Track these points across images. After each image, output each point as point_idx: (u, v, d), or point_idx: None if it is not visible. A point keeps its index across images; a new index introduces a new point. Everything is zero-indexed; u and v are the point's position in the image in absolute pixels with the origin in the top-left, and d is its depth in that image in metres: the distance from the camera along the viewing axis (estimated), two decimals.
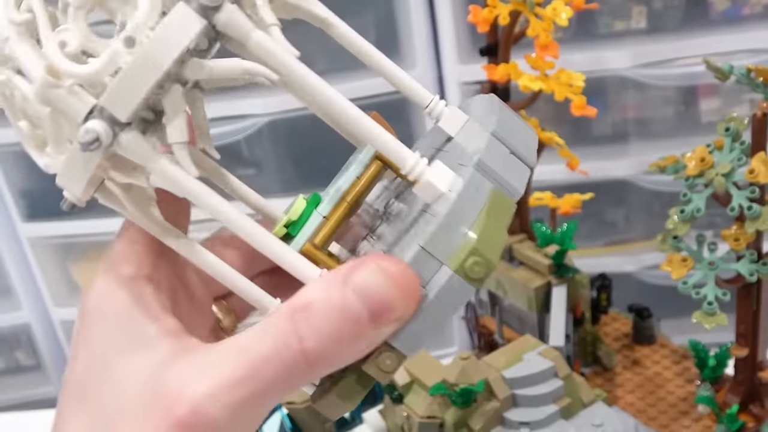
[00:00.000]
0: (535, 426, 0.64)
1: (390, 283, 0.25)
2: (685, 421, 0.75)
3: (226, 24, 0.26)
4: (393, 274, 0.25)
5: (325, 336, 0.24)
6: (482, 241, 0.26)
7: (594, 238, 1.22)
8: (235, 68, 0.26)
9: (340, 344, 0.25)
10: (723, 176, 0.61)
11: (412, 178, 0.27)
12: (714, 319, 0.62)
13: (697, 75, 1.09)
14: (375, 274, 0.25)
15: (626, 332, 0.88)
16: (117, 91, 0.25)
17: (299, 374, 0.25)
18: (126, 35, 0.25)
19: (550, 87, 0.69)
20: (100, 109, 0.25)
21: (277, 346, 0.25)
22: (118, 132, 0.25)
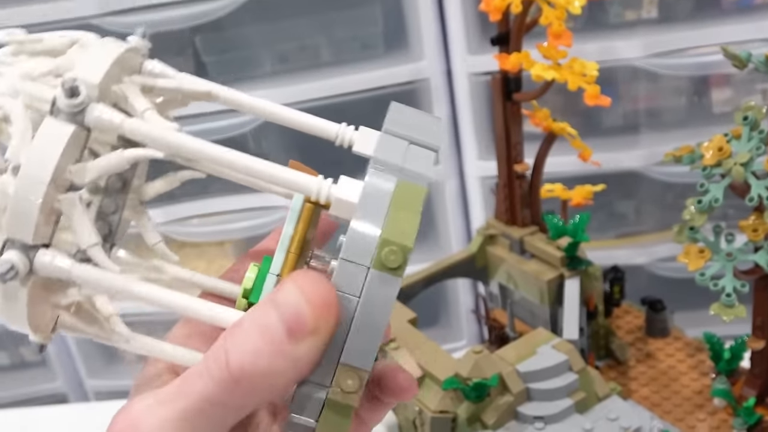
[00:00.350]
0: (549, 420, 0.63)
1: (303, 298, 0.25)
2: (700, 414, 0.74)
3: (96, 123, 0.27)
4: (306, 289, 0.25)
5: (246, 350, 0.25)
6: (391, 230, 0.26)
7: (605, 230, 1.21)
8: (120, 160, 0.27)
9: (259, 358, 0.25)
10: (741, 166, 0.60)
11: (324, 201, 0.28)
12: (732, 311, 0.61)
13: (709, 65, 1.08)
14: (290, 290, 0.26)
15: (639, 325, 0.87)
16: (13, 218, 0.26)
17: (226, 389, 0.25)
18: (14, 165, 0.26)
19: (563, 76, 0.68)
20: (10, 241, 0.26)
21: (207, 362, 0.26)
22: (33, 255, 0.26)
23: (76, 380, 1.49)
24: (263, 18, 1.23)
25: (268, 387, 0.26)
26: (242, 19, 1.20)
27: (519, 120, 0.80)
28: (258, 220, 1.29)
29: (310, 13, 1.23)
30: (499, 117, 0.80)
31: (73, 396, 1.49)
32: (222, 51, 1.24)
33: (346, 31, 1.22)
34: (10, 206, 0.25)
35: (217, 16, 1.18)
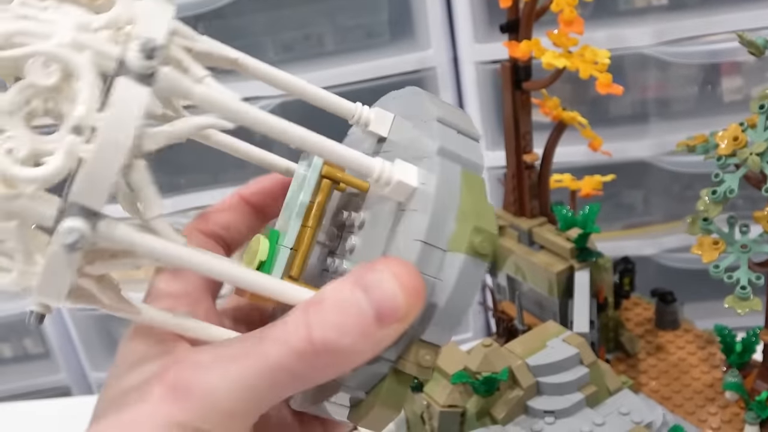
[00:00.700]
0: (560, 414, 0.62)
1: (399, 287, 0.26)
2: (711, 408, 0.73)
3: (167, 86, 0.25)
4: (403, 279, 0.26)
5: (332, 326, 0.25)
6: (478, 218, 0.27)
7: (612, 220, 1.20)
8: (192, 127, 0.26)
9: (344, 337, 0.25)
10: (757, 156, 0.59)
11: (383, 182, 0.28)
12: (747, 303, 0.60)
13: (720, 52, 1.06)
14: (386, 277, 0.26)
15: (649, 317, 0.86)
16: (86, 182, 0.24)
17: (304, 360, 0.26)
18: (74, 124, 0.24)
19: (574, 64, 0.67)
20: (71, 206, 0.24)
21: (288, 331, 0.26)
22: (96, 223, 0.24)
23: (79, 372, 1.49)
24: (267, 6, 1.21)
25: (343, 364, 0.26)
26: (246, 7, 1.19)
27: (528, 109, 0.79)
28: None
29: (315, 1, 1.21)
30: (508, 106, 0.78)
31: (77, 388, 1.49)
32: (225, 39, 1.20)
33: (351, 19, 1.21)
34: (85, 171, 0.24)
35: (221, 4, 1.17)
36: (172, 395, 0.25)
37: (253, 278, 0.28)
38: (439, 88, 1.17)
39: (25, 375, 1.49)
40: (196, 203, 1.30)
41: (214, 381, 0.25)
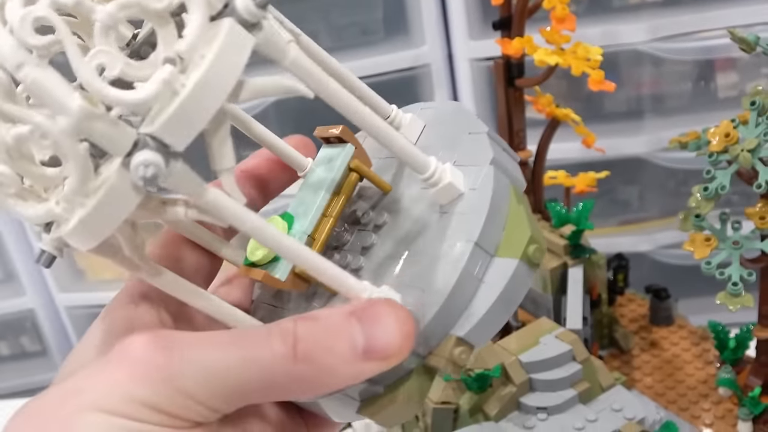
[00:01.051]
0: (552, 411, 0.62)
1: (396, 332, 0.26)
2: (705, 404, 0.73)
3: (266, 41, 0.24)
4: (403, 326, 0.26)
5: (317, 342, 0.26)
6: (531, 229, 0.29)
7: (607, 217, 1.20)
8: (278, 88, 0.25)
9: (326, 356, 0.25)
10: (749, 152, 0.59)
11: (433, 181, 0.29)
12: (739, 300, 0.60)
13: (714, 48, 1.06)
14: (387, 319, 0.26)
15: (643, 313, 0.86)
16: (176, 118, 0.22)
17: (282, 365, 0.25)
18: (174, 56, 0.23)
19: (567, 61, 0.67)
20: (151, 139, 0.22)
21: (274, 333, 0.26)
22: (171, 163, 0.23)
23: None
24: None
25: (318, 383, 0.26)
26: None
27: (521, 106, 0.79)
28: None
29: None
30: (502, 103, 0.78)
31: None
32: None
33: (346, 17, 1.21)
34: (178, 105, 0.22)
35: None
36: (135, 367, 0.25)
37: (301, 252, 0.26)
38: (433, 85, 1.17)
39: (23, 373, 1.49)
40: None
41: (183, 362, 0.25)
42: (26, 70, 0.22)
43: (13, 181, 0.25)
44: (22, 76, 0.22)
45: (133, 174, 0.22)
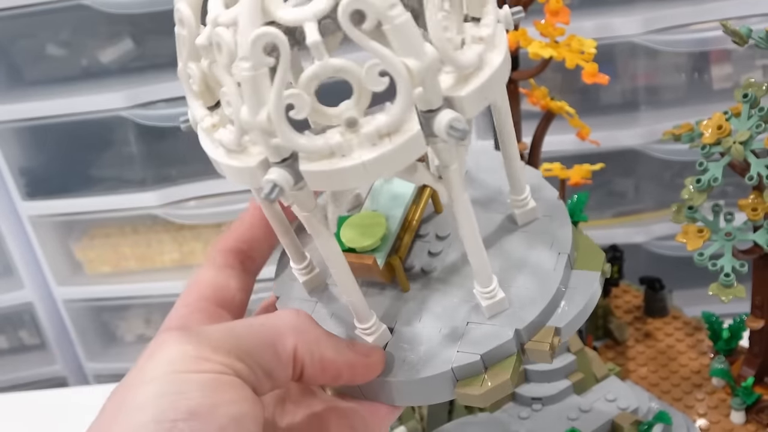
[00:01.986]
0: (547, 401, 0.63)
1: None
2: (698, 394, 0.73)
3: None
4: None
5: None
6: (600, 251, 0.37)
7: (602, 208, 1.21)
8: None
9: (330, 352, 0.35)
10: (741, 144, 0.59)
11: (524, 203, 0.38)
12: (731, 291, 0.60)
13: (709, 41, 1.06)
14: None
15: (637, 305, 0.86)
16: (481, 89, 0.28)
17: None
18: (485, 36, 0.28)
19: (560, 54, 0.67)
20: (448, 101, 0.28)
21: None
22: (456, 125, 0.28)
23: (75, 363, 1.49)
24: None
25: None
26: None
27: (516, 99, 0.79)
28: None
29: None
30: None
31: (73, 379, 1.50)
32: None
33: None
34: (486, 78, 0.30)
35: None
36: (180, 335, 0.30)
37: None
38: None
39: (21, 366, 1.49)
40: (187, 194, 1.30)
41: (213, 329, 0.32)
42: (397, 11, 0.26)
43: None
44: (392, 15, 0.26)
45: (439, 128, 0.27)
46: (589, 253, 0.37)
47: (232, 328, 0.32)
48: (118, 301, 1.40)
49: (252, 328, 0.32)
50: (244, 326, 0.33)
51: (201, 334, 0.31)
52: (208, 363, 0.30)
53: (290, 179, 0.28)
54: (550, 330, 0.34)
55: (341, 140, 0.27)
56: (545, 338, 0.33)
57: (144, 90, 1.23)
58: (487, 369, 0.33)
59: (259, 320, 0.33)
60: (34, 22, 1.25)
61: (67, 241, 1.43)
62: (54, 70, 1.32)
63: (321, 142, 0.28)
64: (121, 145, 1.32)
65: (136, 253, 1.40)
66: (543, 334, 0.34)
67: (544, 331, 0.34)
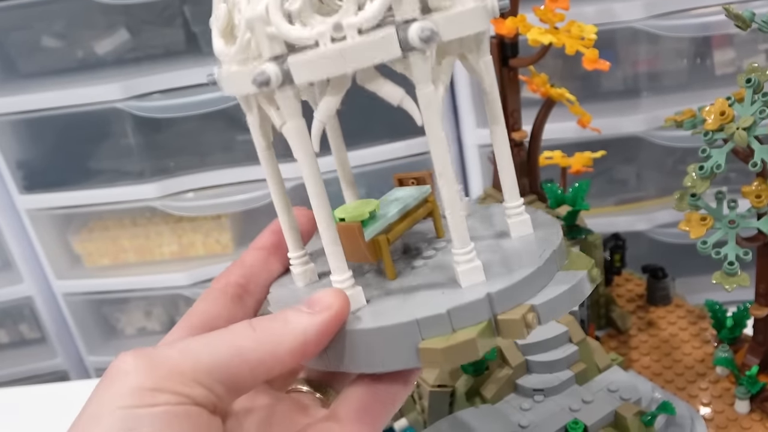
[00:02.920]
0: (549, 392, 0.62)
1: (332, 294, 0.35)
2: (702, 383, 0.73)
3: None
4: (338, 293, 0.35)
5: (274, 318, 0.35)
6: (594, 262, 0.38)
7: (604, 196, 1.20)
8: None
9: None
10: (744, 130, 0.58)
11: (518, 212, 0.39)
12: (735, 279, 0.59)
13: (711, 25, 1.05)
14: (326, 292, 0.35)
15: (640, 293, 0.86)
16: (460, 17, 0.33)
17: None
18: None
19: (560, 40, 0.66)
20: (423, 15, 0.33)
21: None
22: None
23: (76, 357, 1.49)
24: None
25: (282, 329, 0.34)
26: None
27: (516, 86, 0.78)
28: (254, 193, 1.27)
29: None
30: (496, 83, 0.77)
31: (74, 373, 1.50)
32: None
33: None
34: (462, 11, 0.33)
35: None
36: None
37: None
38: None
39: (22, 360, 1.49)
40: (185, 186, 1.30)
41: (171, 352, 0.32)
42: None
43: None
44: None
45: (412, 35, 0.31)
46: (578, 259, 0.37)
47: (189, 347, 0.32)
48: (117, 294, 1.40)
49: (210, 344, 0.32)
50: (202, 343, 0.32)
51: (156, 360, 0.31)
52: (162, 395, 0.29)
53: (279, 74, 0.32)
54: (525, 306, 0.34)
55: (324, 30, 0.32)
56: (519, 311, 0.34)
57: (140, 81, 1.22)
58: (455, 331, 0.33)
59: (216, 334, 0.33)
60: (28, 14, 1.24)
61: (66, 234, 1.42)
62: (49, 62, 1.31)
63: (307, 33, 0.32)
64: (118, 137, 1.31)
65: (135, 245, 1.39)
66: (518, 309, 0.34)
67: (520, 306, 0.34)
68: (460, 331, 0.33)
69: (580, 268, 0.37)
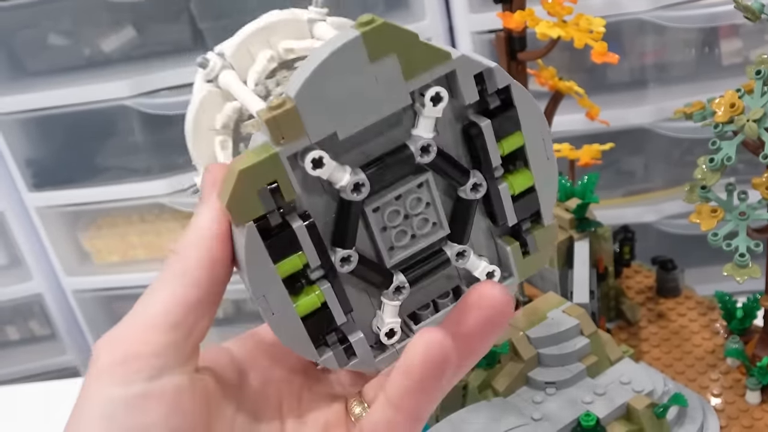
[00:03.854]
0: (561, 385, 0.62)
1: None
2: (713, 374, 0.73)
3: None
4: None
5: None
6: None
7: (612, 188, 1.20)
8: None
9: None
10: (755, 122, 0.58)
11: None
12: (746, 271, 0.60)
13: (718, 16, 1.05)
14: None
15: (649, 285, 0.86)
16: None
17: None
18: None
19: (569, 34, 0.66)
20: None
21: None
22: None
23: (86, 353, 1.50)
24: None
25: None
26: None
27: (524, 80, 0.78)
28: None
29: None
30: None
31: (84, 369, 1.50)
32: (218, 17, 1.21)
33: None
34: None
35: None
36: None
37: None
38: None
39: (33, 357, 1.50)
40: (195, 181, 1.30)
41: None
42: None
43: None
44: None
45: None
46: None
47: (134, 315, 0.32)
48: (126, 290, 1.40)
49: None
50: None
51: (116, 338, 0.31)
52: (131, 372, 0.30)
53: None
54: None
55: None
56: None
57: (147, 78, 1.22)
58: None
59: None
60: (35, 12, 1.25)
61: (75, 231, 1.43)
62: (57, 60, 1.31)
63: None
64: (126, 135, 1.32)
65: (143, 241, 1.40)
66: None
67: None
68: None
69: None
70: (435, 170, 0.32)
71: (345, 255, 0.31)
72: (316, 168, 0.29)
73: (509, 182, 0.33)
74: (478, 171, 0.33)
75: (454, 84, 0.31)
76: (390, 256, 0.33)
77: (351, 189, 0.30)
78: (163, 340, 0.30)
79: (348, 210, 0.31)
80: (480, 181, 0.32)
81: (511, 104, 0.32)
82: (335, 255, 0.31)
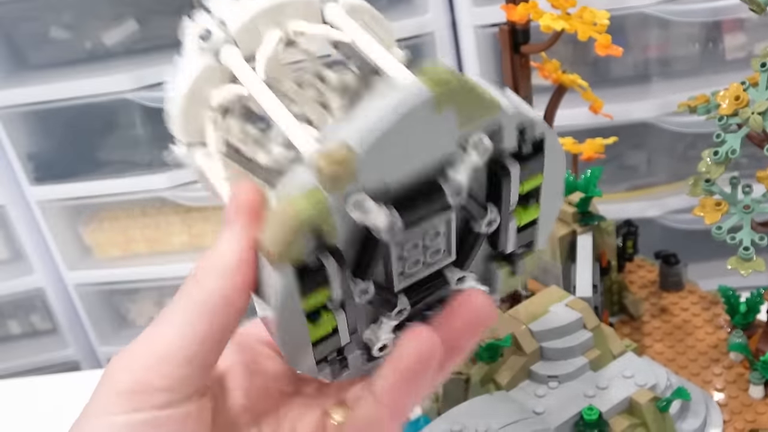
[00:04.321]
0: (564, 379, 0.62)
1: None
2: (716, 369, 0.73)
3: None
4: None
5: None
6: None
7: (615, 183, 1.20)
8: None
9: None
10: (759, 115, 0.58)
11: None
12: (751, 264, 0.59)
13: (722, 9, 1.05)
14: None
15: (653, 279, 0.85)
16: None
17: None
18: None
19: (573, 26, 0.66)
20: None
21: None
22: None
23: (87, 347, 1.50)
24: None
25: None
26: None
27: (528, 73, 0.78)
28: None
29: None
30: (507, 70, 0.77)
31: (86, 363, 1.50)
32: None
33: None
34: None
35: None
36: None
37: None
38: (438, 53, 1.16)
39: (34, 351, 1.50)
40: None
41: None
42: None
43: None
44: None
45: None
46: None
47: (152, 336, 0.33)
48: (128, 285, 1.40)
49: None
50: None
51: (135, 358, 0.31)
52: (141, 399, 0.30)
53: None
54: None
55: None
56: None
57: (149, 72, 1.22)
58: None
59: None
60: (37, 5, 1.24)
61: (76, 225, 1.43)
62: (58, 53, 1.31)
63: None
64: (128, 128, 1.32)
65: (145, 235, 1.39)
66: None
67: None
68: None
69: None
70: (458, 207, 0.32)
71: (365, 288, 0.31)
72: (357, 210, 0.29)
73: (518, 216, 0.34)
74: (494, 206, 0.33)
75: (497, 131, 0.31)
76: (399, 281, 0.33)
77: (386, 231, 0.29)
78: (177, 374, 0.30)
79: (375, 247, 0.30)
80: (495, 217, 0.33)
81: (540, 150, 0.32)
82: (356, 287, 0.31)
